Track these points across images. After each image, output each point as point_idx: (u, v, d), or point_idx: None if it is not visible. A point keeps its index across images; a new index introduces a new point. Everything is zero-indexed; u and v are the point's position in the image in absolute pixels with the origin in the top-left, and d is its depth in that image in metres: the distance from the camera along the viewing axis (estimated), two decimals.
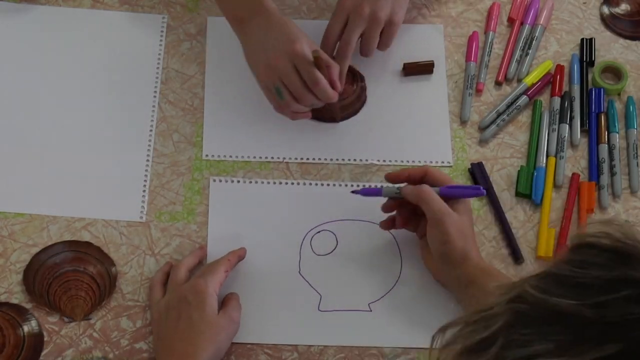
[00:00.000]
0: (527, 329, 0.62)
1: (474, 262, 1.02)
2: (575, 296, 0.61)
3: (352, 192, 1.09)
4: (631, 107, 1.21)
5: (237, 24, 1.16)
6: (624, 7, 1.31)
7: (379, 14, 1.15)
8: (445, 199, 1.03)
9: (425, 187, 1.04)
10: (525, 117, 1.21)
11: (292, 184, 1.14)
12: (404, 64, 1.22)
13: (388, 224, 1.09)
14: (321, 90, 1.10)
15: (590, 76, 1.24)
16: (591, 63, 1.25)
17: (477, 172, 1.15)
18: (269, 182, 1.14)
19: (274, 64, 1.10)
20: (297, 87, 1.10)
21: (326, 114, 1.18)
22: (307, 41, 1.11)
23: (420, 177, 1.06)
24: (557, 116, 1.20)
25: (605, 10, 1.30)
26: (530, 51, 1.25)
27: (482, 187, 1.05)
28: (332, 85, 1.11)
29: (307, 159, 1.16)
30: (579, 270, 0.63)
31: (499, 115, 1.20)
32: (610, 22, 1.29)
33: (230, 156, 1.15)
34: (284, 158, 1.16)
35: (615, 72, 1.25)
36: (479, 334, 0.64)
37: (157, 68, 1.21)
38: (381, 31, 1.17)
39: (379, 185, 1.09)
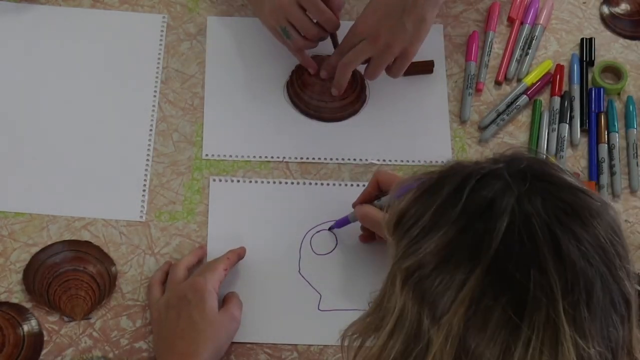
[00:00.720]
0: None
1: None
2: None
3: (329, 229, 1.10)
4: (631, 106, 1.21)
5: None
6: (623, 7, 1.31)
7: (394, 47, 1.11)
8: None
9: (365, 207, 1.05)
10: (525, 117, 1.21)
11: (292, 183, 1.14)
12: None
13: (364, 240, 1.10)
14: (327, 18, 1.13)
15: (590, 76, 1.24)
16: (591, 63, 1.25)
17: None
18: (268, 182, 1.14)
19: (279, 4, 1.13)
20: (304, 22, 1.14)
21: (326, 114, 1.18)
22: None
23: (376, 188, 1.06)
24: (557, 116, 1.20)
25: (605, 10, 1.30)
26: (530, 51, 1.25)
27: None
28: (335, 15, 1.14)
29: (307, 158, 1.16)
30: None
31: (498, 114, 1.20)
32: (610, 22, 1.29)
33: (230, 156, 1.15)
34: (284, 158, 1.16)
35: (615, 71, 1.25)
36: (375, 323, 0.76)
37: (157, 68, 1.21)
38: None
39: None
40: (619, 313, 0.69)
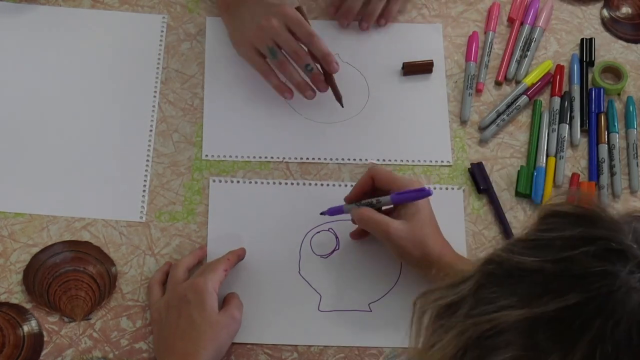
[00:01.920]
0: (493, 287, 0.65)
1: (440, 260, 1.02)
2: (538, 254, 0.65)
3: (321, 213, 1.10)
4: (631, 107, 1.21)
5: (225, 8, 1.20)
6: (624, 11, 1.30)
7: None
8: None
9: (362, 210, 1.04)
10: (525, 117, 1.21)
11: (292, 184, 1.14)
12: (404, 64, 1.22)
13: (356, 237, 1.10)
14: (317, 43, 1.12)
15: (590, 76, 1.24)
16: (591, 63, 1.25)
17: (477, 172, 1.15)
18: (268, 182, 1.14)
19: (265, 25, 1.13)
20: (293, 44, 1.13)
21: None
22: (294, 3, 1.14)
23: (370, 183, 1.05)
24: (557, 116, 1.20)
25: (606, 13, 1.30)
26: (530, 51, 1.25)
27: (427, 188, 1.02)
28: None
29: (307, 158, 1.16)
30: (543, 234, 0.67)
31: (498, 115, 1.20)
32: (610, 26, 1.29)
33: (230, 156, 1.15)
34: (284, 158, 1.16)
35: (615, 72, 1.25)
36: (450, 297, 0.68)
37: (157, 68, 1.21)
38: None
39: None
40: None
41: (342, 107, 1.17)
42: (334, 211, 1.09)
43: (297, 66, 1.15)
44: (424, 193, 1.02)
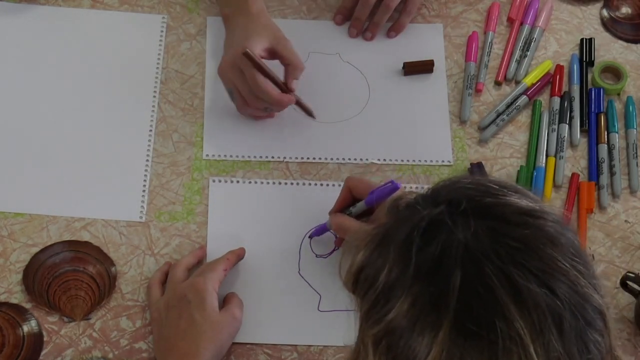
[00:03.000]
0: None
1: None
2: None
3: (309, 237, 1.10)
4: (631, 107, 1.21)
5: (225, 20, 1.19)
6: (624, 11, 1.30)
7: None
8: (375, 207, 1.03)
9: (337, 217, 1.04)
10: (524, 117, 1.21)
11: (292, 184, 1.14)
12: (404, 63, 1.22)
13: (341, 243, 1.09)
14: (264, 94, 1.09)
15: (590, 76, 1.24)
16: (591, 63, 1.25)
17: (477, 172, 1.15)
18: (268, 182, 1.14)
19: (224, 67, 1.12)
20: (245, 91, 1.11)
21: None
22: (268, 41, 1.11)
23: (349, 195, 1.05)
24: (557, 116, 1.20)
25: (605, 13, 1.30)
26: (529, 51, 1.25)
27: (393, 181, 1.01)
28: (288, 86, 1.11)
29: (307, 158, 1.16)
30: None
31: (498, 115, 1.20)
32: (610, 26, 1.29)
33: (230, 156, 1.15)
34: (284, 158, 1.16)
35: (614, 72, 1.25)
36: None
37: (157, 68, 1.21)
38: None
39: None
40: (596, 328, 0.67)
41: (314, 118, 1.17)
42: (319, 230, 1.09)
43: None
44: (392, 187, 1.00)
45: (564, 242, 0.68)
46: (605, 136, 1.19)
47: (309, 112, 1.17)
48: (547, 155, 1.17)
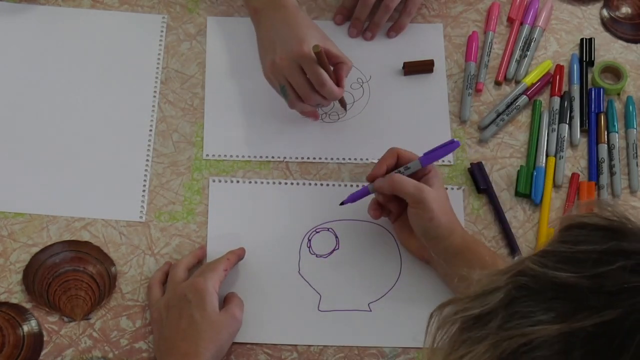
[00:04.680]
0: (528, 302, 0.64)
1: (460, 233, 1.04)
2: (573, 269, 0.64)
3: (341, 204, 1.10)
4: (631, 107, 1.21)
5: (254, 14, 1.19)
6: (624, 11, 1.30)
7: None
8: (420, 176, 1.05)
9: (395, 175, 1.05)
10: (524, 117, 1.21)
11: (292, 183, 1.14)
12: (404, 63, 1.22)
13: (377, 213, 1.09)
14: (328, 90, 1.11)
15: (590, 76, 1.24)
16: (591, 63, 1.25)
17: (477, 172, 1.15)
18: (268, 182, 1.14)
19: (280, 64, 1.12)
20: (303, 88, 1.12)
21: None
22: (319, 40, 1.11)
23: (394, 162, 1.07)
24: (557, 116, 1.20)
25: (605, 13, 1.30)
26: (529, 51, 1.25)
27: (454, 140, 1.05)
28: (339, 83, 1.13)
29: (307, 158, 1.16)
30: (574, 247, 0.65)
31: (498, 115, 1.20)
32: (610, 26, 1.29)
33: (231, 156, 1.15)
34: (284, 158, 1.16)
35: (614, 72, 1.25)
36: (479, 308, 0.66)
37: (157, 68, 1.21)
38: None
39: (366, 184, 1.09)
40: None
41: (346, 111, 1.19)
42: (356, 196, 1.09)
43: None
44: (453, 145, 1.05)
45: None
46: (605, 136, 1.19)
47: (344, 105, 1.19)
48: (547, 155, 1.17)
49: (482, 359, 0.64)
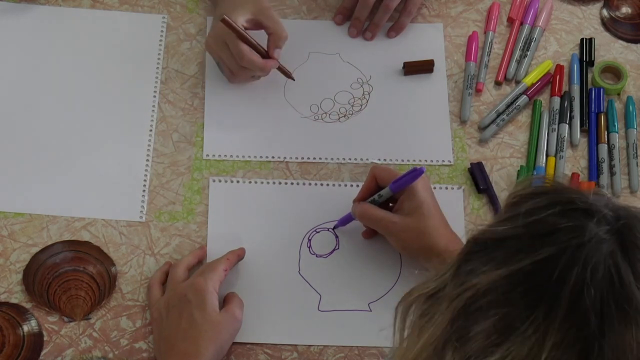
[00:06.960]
0: (473, 261, 0.69)
1: (442, 250, 1.02)
2: (509, 224, 0.69)
3: (333, 228, 1.11)
4: (631, 107, 1.21)
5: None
6: (624, 11, 1.30)
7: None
8: (396, 198, 1.05)
9: (364, 206, 1.05)
10: (525, 117, 1.21)
11: (292, 183, 1.14)
12: (404, 63, 1.22)
13: (366, 235, 1.10)
14: (247, 62, 1.12)
15: (590, 76, 1.24)
16: (591, 63, 1.25)
17: (477, 172, 1.15)
18: (268, 182, 1.14)
19: (209, 42, 1.15)
20: (229, 62, 1.14)
21: None
22: (248, 12, 1.12)
23: (374, 183, 1.07)
24: (557, 116, 1.20)
25: (606, 13, 1.30)
26: (529, 51, 1.25)
27: (418, 167, 1.03)
28: (269, 53, 1.13)
29: (307, 158, 1.16)
30: (512, 208, 0.71)
31: (498, 115, 1.20)
32: (610, 26, 1.29)
33: (231, 156, 1.15)
34: (284, 158, 1.16)
35: (615, 72, 1.25)
36: (434, 284, 0.72)
37: (157, 68, 1.21)
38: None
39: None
40: None
41: (294, 80, 1.19)
42: (344, 221, 1.10)
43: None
44: (416, 173, 1.02)
45: None
46: (605, 136, 1.19)
47: (288, 75, 1.18)
48: (547, 155, 1.17)
49: (440, 326, 0.68)
